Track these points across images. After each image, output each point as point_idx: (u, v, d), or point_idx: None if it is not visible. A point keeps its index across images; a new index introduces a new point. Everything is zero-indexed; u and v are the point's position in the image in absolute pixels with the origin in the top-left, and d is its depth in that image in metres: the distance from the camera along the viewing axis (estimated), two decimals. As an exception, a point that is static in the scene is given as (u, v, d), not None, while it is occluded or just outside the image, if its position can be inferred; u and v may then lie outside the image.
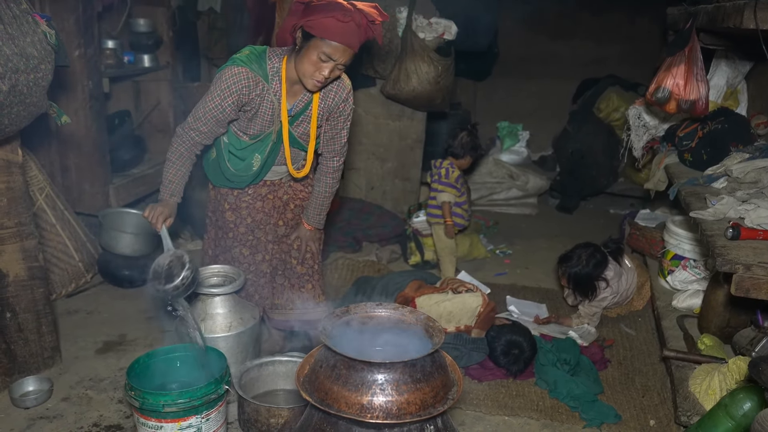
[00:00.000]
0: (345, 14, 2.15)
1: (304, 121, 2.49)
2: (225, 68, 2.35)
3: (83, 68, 3.51)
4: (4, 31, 2.12)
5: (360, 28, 2.19)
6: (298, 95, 2.44)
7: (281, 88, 2.38)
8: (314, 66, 2.23)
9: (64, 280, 3.47)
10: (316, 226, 2.74)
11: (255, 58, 2.36)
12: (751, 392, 2.07)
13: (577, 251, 3.26)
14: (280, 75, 2.37)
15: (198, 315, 2.56)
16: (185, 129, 2.44)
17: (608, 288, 3.22)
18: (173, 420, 2.04)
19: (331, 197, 2.72)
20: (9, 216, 2.53)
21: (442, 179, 3.78)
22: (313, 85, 2.30)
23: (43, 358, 2.74)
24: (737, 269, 2.01)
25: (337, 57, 2.21)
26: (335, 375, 1.59)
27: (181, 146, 2.46)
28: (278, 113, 2.43)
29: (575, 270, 3.20)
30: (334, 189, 2.70)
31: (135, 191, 4.07)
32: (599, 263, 3.20)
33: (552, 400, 2.67)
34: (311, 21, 2.17)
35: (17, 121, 2.29)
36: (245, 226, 2.68)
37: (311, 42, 2.21)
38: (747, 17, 2.24)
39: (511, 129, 5.65)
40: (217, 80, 2.35)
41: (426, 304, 3.02)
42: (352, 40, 2.19)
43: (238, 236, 2.69)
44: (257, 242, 2.70)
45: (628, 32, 5.89)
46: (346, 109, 2.53)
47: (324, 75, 2.25)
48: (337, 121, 2.54)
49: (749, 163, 2.68)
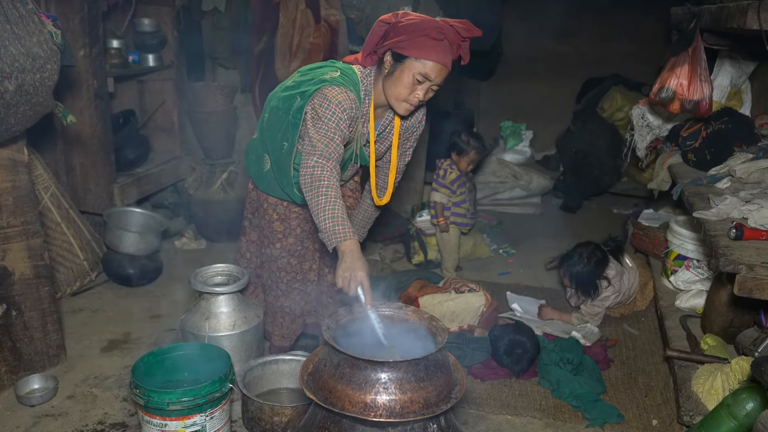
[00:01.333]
0: (439, 32, 2.07)
1: (378, 142, 2.40)
2: (324, 88, 2.17)
3: (88, 68, 3.53)
4: (11, 31, 2.14)
5: (452, 46, 2.11)
6: (381, 118, 2.37)
7: (369, 110, 2.29)
8: (409, 89, 2.14)
9: (69, 279, 3.49)
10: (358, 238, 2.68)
11: (349, 79, 2.24)
12: (753, 392, 2.08)
13: (578, 250, 3.26)
14: (371, 96, 2.27)
15: (202, 314, 2.57)
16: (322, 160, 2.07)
17: (610, 287, 3.22)
18: (178, 418, 2.05)
19: (377, 213, 2.66)
20: (15, 215, 2.55)
21: (439, 179, 3.81)
22: (405, 109, 2.20)
23: (49, 356, 2.75)
24: (740, 269, 2.01)
25: (433, 77, 2.11)
26: (339, 374, 1.60)
27: (332, 177, 2.06)
28: (359, 135, 2.33)
29: (577, 269, 3.21)
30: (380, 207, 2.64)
31: (139, 190, 4.09)
32: (600, 261, 3.20)
33: (555, 400, 2.68)
34: (403, 42, 2.08)
35: (23, 121, 2.31)
36: (294, 237, 2.58)
37: (405, 63, 2.11)
38: (751, 17, 2.24)
39: (514, 128, 5.65)
40: (320, 101, 2.15)
41: (429, 303, 3.03)
42: (447, 59, 2.10)
43: (286, 246, 2.58)
44: (305, 251, 2.61)
45: (632, 32, 5.89)
46: (419, 129, 2.47)
47: (419, 97, 2.15)
48: (407, 140, 2.48)
49: (753, 164, 2.68)
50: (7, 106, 2.18)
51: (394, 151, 2.43)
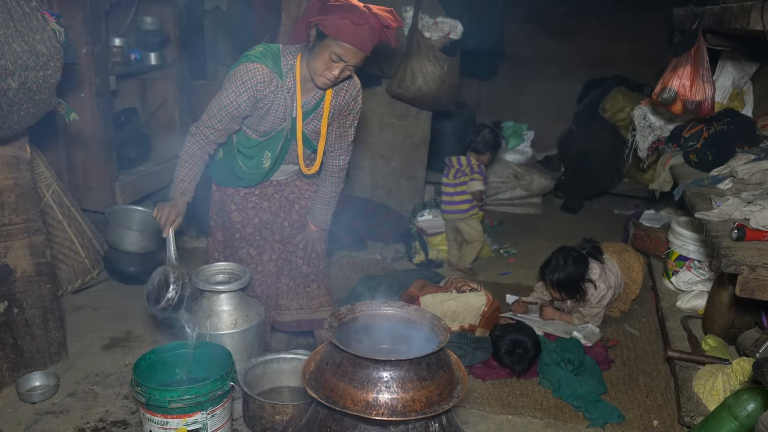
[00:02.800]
0: (360, 17, 2.17)
1: (315, 119, 2.50)
2: (239, 65, 2.35)
3: (90, 66, 3.53)
4: (14, 29, 2.14)
5: (374, 32, 2.21)
6: (311, 92, 2.46)
7: (295, 84, 2.40)
8: (325, 65, 2.26)
9: (71, 277, 3.49)
10: (321, 226, 2.73)
11: (269, 55, 2.37)
12: (754, 393, 2.08)
13: (555, 256, 3.24)
14: (294, 72, 2.39)
15: (204, 312, 2.57)
16: (199, 128, 2.44)
17: (602, 286, 3.20)
18: (179, 416, 2.05)
19: (336, 197, 2.72)
20: (17, 212, 2.55)
21: (474, 169, 3.89)
22: (323, 83, 2.32)
23: (50, 354, 2.75)
24: (742, 270, 2.01)
25: (348, 58, 2.23)
26: (341, 372, 1.60)
27: (195, 145, 2.46)
28: (290, 110, 2.44)
29: (558, 275, 3.18)
30: (339, 188, 2.71)
31: (141, 188, 4.09)
32: (578, 260, 3.18)
33: (556, 400, 2.68)
34: (326, 21, 2.19)
35: (26, 118, 2.31)
36: (252, 226, 2.69)
37: (324, 41, 2.23)
38: (754, 18, 2.24)
39: (516, 129, 5.65)
40: (231, 77, 2.35)
41: (430, 302, 3.03)
42: (365, 43, 2.22)
43: (245, 236, 2.69)
44: (264, 242, 2.70)
45: (634, 32, 5.88)
46: (355, 107, 2.55)
47: (334, 74, 2.27)
48: (345, 119, 2.56)
49: (755, 165, 2.68)
50: (10, 103, 2.18)
51: (324, 124, 2.51)
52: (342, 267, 3.93)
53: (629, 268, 3.47)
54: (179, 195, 2.48)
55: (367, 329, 1.83)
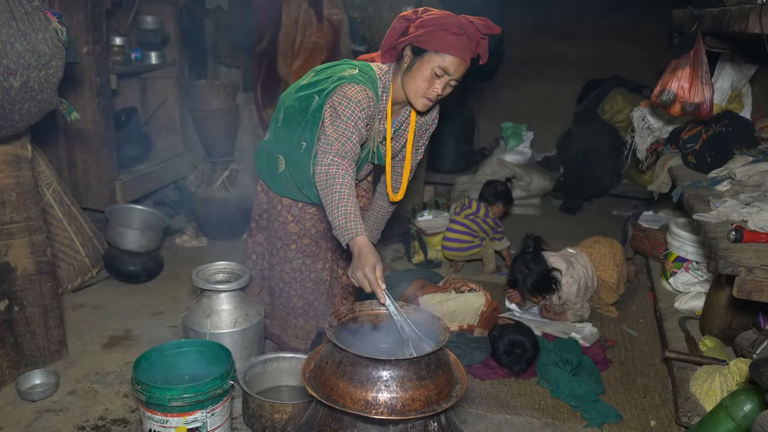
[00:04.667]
0: (459, 27, 2.09)
1: (393, 140, 2.40)
2: (343, 86, 2.16)
3: (91, 65, 3.54)
4: (17, 28, 2.15)
5: (472, 42, 2.12)
6: (397, 114, 2.37)
7: (387, 107, 2.29)
8: (428, 82, 2.14)
9: (71, 275, 3.50)
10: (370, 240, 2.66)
11: (366, 76, 2.23)
12: (751, 394, 2.09)
13: (514, 269, 3.29)
14: (388, 94, 2.27)
15: (204, 311, 2.58)
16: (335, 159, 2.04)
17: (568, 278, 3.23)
18: (179, 414, 2.06)
19: (390, 214, 2.65)
20: (18, 211, 2.56)
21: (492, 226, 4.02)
22: (423, 104, 2.20)
23: (50, 352, 2.76)
24: (740, 272, 2.02)
25: (452, 71, 2.13)
26: (341, 371, 1.60)
27: (347, 175, 2.02)
28: (376, 133, 2.33)
29: (529, 282, 3.22)
30: (394, 207, 2.63)
31: (141, 187, 4.09)
32: (536, 260, 3.23)
33: (554, 400, 2.69)
34: (423, 36, 2.09)
35: (28, 117, 2.32)
36: (309, 237, 2.57)
37: (424, 57, 2.12)
38: (752, 21, 2.25)
39: (515, 129, 5.66)
40: (339, 99, 2.14)
41: (429, 302, 3.04)
42: (466, 54, 2.12)
43: (301, 247, 2.57)
44: (319, 250, 2.61)
45: (634, 34, 5.89)
46: (432, 127, 2.47)
47: (437, 91, 2.16)
48: (420, 137, 2.48)
49: (753, 166, 2.69)
50: (12, 102, 2.19)
51: (409, 148, 2.43)
52: (341, 267, 3.94)
53: (601, 256, 3.49)
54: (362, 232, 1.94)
55: (367, 329, 1.84)
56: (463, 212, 4.03)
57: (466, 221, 3.98)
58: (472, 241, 3.96)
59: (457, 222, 4.00)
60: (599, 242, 3.59)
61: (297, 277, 2.62)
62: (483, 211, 4.01)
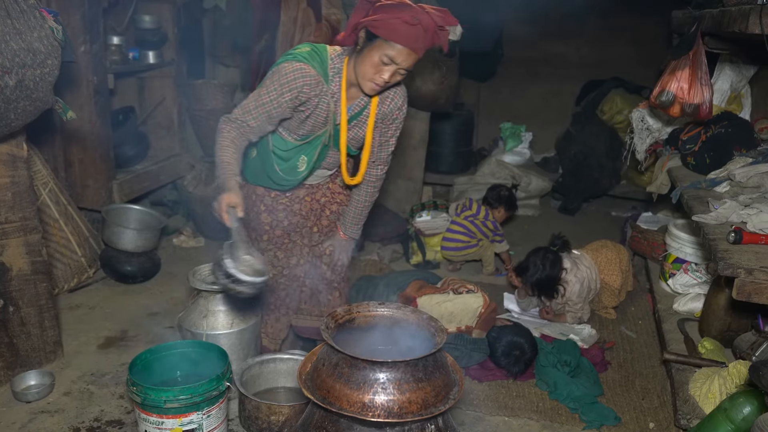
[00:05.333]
0: (414, 16, 2.04)
1: (357, 126, 2.39)
2: (285, 62, 2.20)
3: (88, 64, 3.52)
4: (12, 26, 2.13)
5: (427, 33, 2.08)
6: (355, 98, 2.34)
7: (341, 89, 2.27)
8: (375, 68, 2.13)
9: (67, 275, 3.48)
10: (351, 236, 2.64)
11: (316, 56, 2.24)
12: (751, 396, 2.08)
13: (531, 259, 3.27)
14: (341, 76, 2.26)
15: (200, 312, 2.57)
16: (232, 120, 2.26)
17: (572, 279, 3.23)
18: (174, 416, 2.05)
19: (370, 207, 2.63)
20: (13, 210, 2.54)
21: (491, 228, 4.02)
22: (370, 88, 2.19)
23: (45, 353, 2.74)
24: (739, 273, 2.01)
25: (400, 61, 2.10)
26: (337, 373, 1.59)
27: (233, 131, 2.24)
28: (333, 116, 2.32)
29: (536, 277, 3.22)
30: (374, 198, 2.61)
31: (138, 187, 4.08)
32: (555, 263, 3.23)
33: (552, 402, 2.68)
34: (377, 21, 2.06)
35: (23, 116, 2.30)
36: (281, 229, 2.56)
37: (374, 43, 2.10)
38: (752, 22, 2.24)
39: (514, 130, 5.65)
40: (274, 74, 2.20)
41: (427, 304, 3.03)
42: (418, 45, 2.08)
43: (273, 239, 2.57)
44: (293, 245, 2.60)
45: (633, 35, 5.89)
46: (399, 116, 2.44)
47: (384, 78, 2.14)
48: (388, 128, 2.45)
49: (752, 168, 2.68)
50: (7, 101, 2.17)
51: (369, 133, 2.40)
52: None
53: (608, 261, 3.48)
54: (231, 176, 2.18)
55: (364, 330, 1.83)
56: (462, 213, 4.03)
57: (465, 222, 3.97)
58: (468, 241, 3.96)
59: (456, 223, 4.00)
60: (606, 246, 3.58)
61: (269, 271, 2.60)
62: (483, 214, 4.00)
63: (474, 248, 3.97)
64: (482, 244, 3.99)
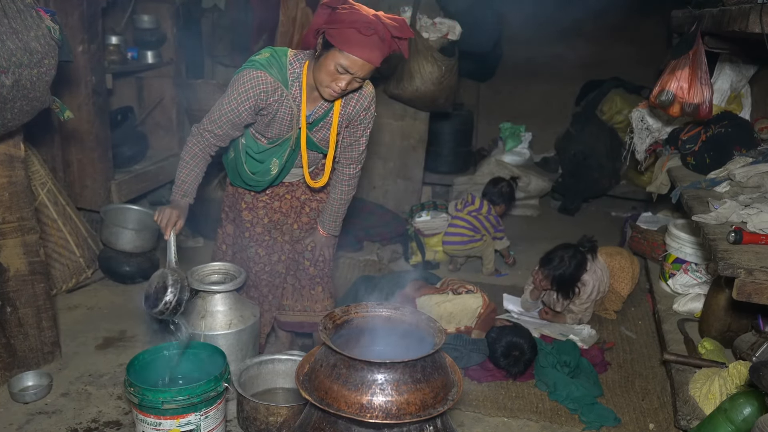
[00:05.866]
0: (368, 27, 2.04)
1: (324, 128, 2.40)
2: (243, 71, 2.25)
3: (87, 64, 3.51)
4: (8, 26, 2.12)
5: (384, 43, 2.09)
6: (318, 101, 2.35)
7: (301, 93, 2.29)
8: (330, 77, 2.14)
9: (65, 276, 3.47)
10: (330, 232, 2.66)
11: (275, 62, 2.26)
12: (751, 397, 2.07)
13: (559, 253, 3.24)
14: (301, 80, 2.28)
15: (198, 312, 2.56)
16: (200, 130, 2.38)
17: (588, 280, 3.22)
18: (172, 417, 2.04)
19: (346, 205, 2.64)
20: (11, 210, 2.53)
21: (493, 223, 4.02)
22: (329, 94, 2.21)
23: (43, 353, 2.74)
24: (739, 274, 2.00)
25: (354, 70, 2.11)
26: (335, 374, 1.58)
27: (196, 146, 2.40)
28: (297, 119, 2.33)
29: (560, 272, 3.19)
30: (350, 197, 2.62)
31: (137, 187, 4.07)
32: (580, 264, 3.21)
33: (551, 402, 2.67)
34: (333, 30, 2.07)
35: (20, 116, 2.29)
36: (262, 226, 2.62)
37: (330, 51, 2.11)
38: (753, 21, 2.24)
39: (513, 130, 5.64)
40: (234, 83, 2.27)
41: (426, 304, 3.02)
42: (373, 55, 2.09)
43: (254, 236, 2.62)
44: (274, 242, 2.64)
45: (633, 35, 5.88)
46: (367, 117, 2.44)
47: (341, 86, 2.15)
48: (356, 128, 2.45)
49: (752, 168, 2.68)
50: (3, 101, 2.16)
51: (332, 135, 2.41)
52: (338, 267, 3.92)
53: (621, 268, 3.47)
54: (180, 197, 2.41)
55: (362, 331, 1.82)
56: (465, 209, 4.00)
57: (468, 217, 3.95)
58: (473, 236, 3.94)
59: (458, 218, 3.98)
60: (622, 254, 3.58)
61: (252, 267, 2.66)
62: (486, 209, 3.99)
63: (478, 242, 3.94)
64: (485, 239, 3.98)
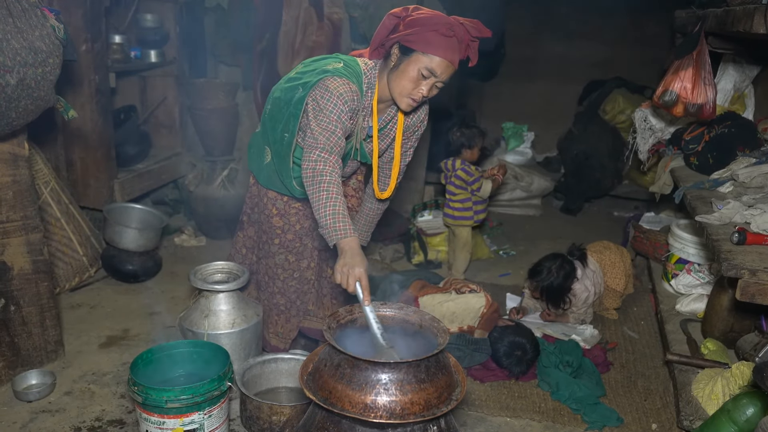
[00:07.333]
0: (449, 28, 2.04)
1: (379, 139, 2.36)
2: (325, 79, 2.13)
3: (90, 63, 3.52)
4: (13, 25, 2.13)
5: (461, 45, 2.07)
6: (384, 113, 2.33)
7: (372, 104, 2.25)
8: (414, 83, 2.10)
9: (68, 274, 3.48)
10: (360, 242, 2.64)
11: (352, 72, 2.20)
12: (754, 397, 2.07)
13: (546, 264, 3.22)
14: (374, 90, 2.23)
15: (202, 311, 2.56)
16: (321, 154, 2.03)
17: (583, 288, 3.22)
18: (175, 416, 2.04)
19: (380, 215, 2.61)
20: (14, 209, 2.54)
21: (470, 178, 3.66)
22: (407, 104, 2.17)
23: (47, 352, 2.74)
24: (743, 274, 2.00)
25: (439, 73, 2.08)
26: (339, 374, 1.58)
27: (334, 173, 2.01)
28: (360, 130, 2.29)
29: (547, 283, 3.19)
30: (384, 207, 2.59)
31: (140, 186, 4.08)
32: (568, 274, 3.19)
33: (554, 402, 2.67)
34: (412, 35, 2.05)
35: (24, 115, 2.30)
36: (293, 233, 2.54)
37: (411, 57, 2.08)
38: (757, 21, 2.23)
39: (516, 130, 5.64)
40: (322, 92, 2.11)
41: (429, 303, 3.02)
42: (455, 56, 2.07)
43: (285, 243, 2.54)
44: (304, 248, 2.57)
45: (636, 34, 5.88)
46: (420, 128, 2.43)
47: (422, 93, 2.12)
48: (408, 139, 2.43)
49: (756, 168, 2.67)
50: (8, 100, 2.17)
51: (398, 147, 2.39)
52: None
53: (612, 264, 3.47)
54: (351, 234, 1.92)
55: (366, 331, 1.82)
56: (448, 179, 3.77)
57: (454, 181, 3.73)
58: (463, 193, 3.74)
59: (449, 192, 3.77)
60: (609, 249, 3.56)
61: (280, 274, 2.60)
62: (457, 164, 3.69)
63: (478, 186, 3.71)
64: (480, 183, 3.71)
